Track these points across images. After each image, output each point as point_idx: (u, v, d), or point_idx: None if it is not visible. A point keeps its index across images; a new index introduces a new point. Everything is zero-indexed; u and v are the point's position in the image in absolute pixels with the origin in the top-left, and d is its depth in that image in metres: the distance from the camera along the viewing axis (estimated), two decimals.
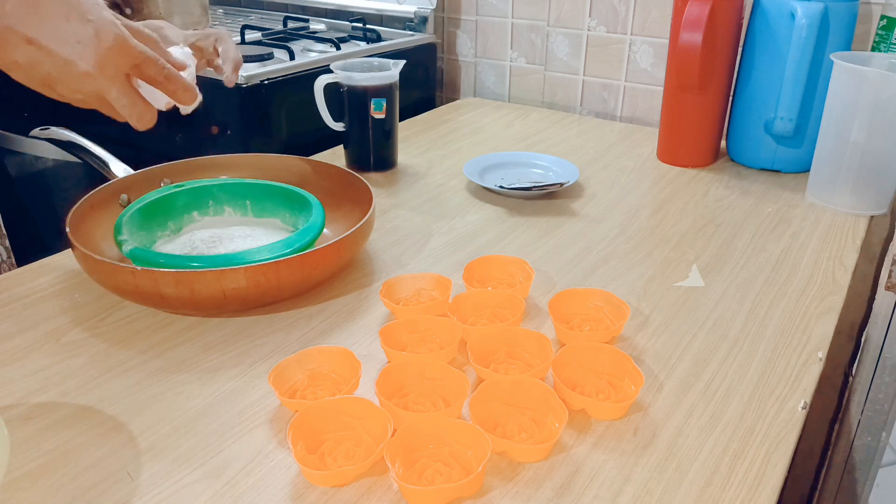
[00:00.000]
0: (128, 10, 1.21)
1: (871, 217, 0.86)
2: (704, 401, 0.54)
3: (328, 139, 1.02)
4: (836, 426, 1.01)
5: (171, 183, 0.77)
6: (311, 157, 0.89)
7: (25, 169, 1.23)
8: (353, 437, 0.48)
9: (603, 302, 0.63)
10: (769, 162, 0.98)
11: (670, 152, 1.02)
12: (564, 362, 0.54)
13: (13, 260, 0.78)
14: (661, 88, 1.12)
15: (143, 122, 0.54)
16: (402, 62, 0.94)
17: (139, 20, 1.24)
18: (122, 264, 0.59)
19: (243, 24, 1.26)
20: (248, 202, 0.77)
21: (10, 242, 0.79)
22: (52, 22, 0.46)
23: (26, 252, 0.77)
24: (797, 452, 0.52)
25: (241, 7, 1.61)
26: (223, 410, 0.52)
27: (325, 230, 0.72)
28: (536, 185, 0.90)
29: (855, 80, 0.81)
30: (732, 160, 1.03)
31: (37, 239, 0.90)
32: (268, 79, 1.01)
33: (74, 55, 0.47)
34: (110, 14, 0.50)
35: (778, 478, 0.47)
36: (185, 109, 0.62)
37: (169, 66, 0.54)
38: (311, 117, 0.95)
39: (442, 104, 1.33)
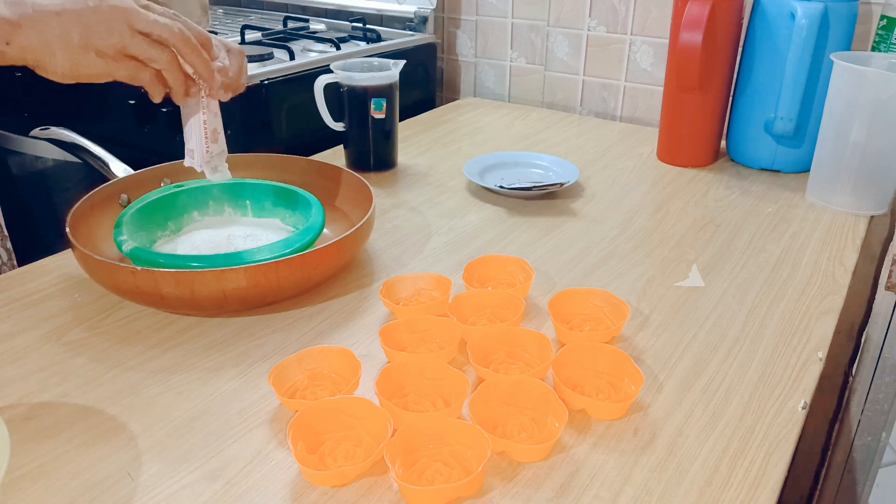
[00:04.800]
0: None
1: (871, 217, 0.86)
2: (704, 401, 0.54)
3: (328, 139, 1.02)
4: (836, 426, 1.01)
5: (171, 183, 0.77)
6: (311, 157, 0.89)
7: (25, 169, 1.23)
8: (353, 437, 0.48)
9: (603, 302, 0.63)
10: (769, 162, 0.98)
11: (670, 152, 1.02)
12: (564, 362, 0.54)
13: (14, 262, 0.78)
14: (661, 88, 1.12)
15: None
16: (402, 62, 0.94)
17: None
18: (122, 264, 0.59)
19: (243, 24, 1.26)
20: (248, 202, 0.77)
21: (11, 243, 0.79)
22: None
23: (27, 252, 0.77)
24: (797, 452, 0.52)
25: (241, 7, 1.61)
26: (223, 410, 0.52)
27: (325, 230, 0.72)
28: (536, 185, 0.90)
29: (855, 80, 0.81)
30: (732, 160, 1.03)
31: (37, 239, 0.90)
32: (268, 79, 1.01)
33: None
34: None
35: (778, 478, 0.47)
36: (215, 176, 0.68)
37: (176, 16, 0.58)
38: (311, 117, 0.95)
39: (442, 104, 1.33)
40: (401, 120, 1.02)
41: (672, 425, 0.51)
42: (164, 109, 0.78)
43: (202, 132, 0.63)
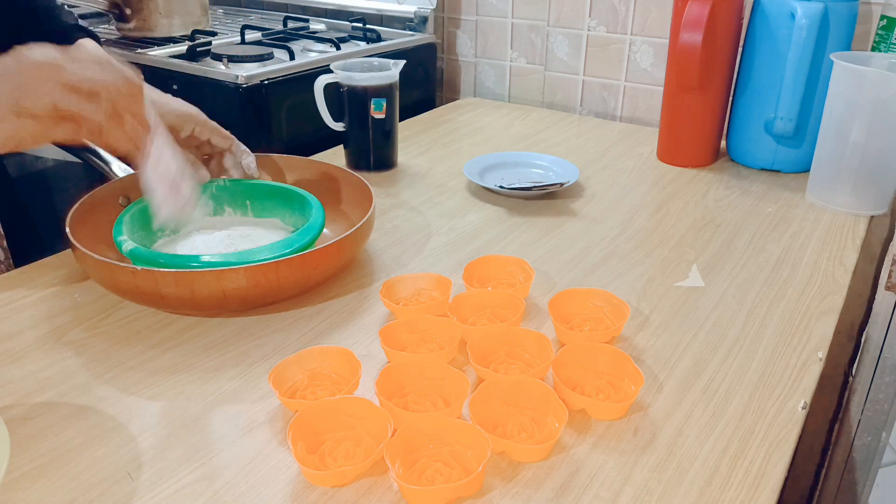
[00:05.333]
0: (128, 10, 1.21)
1: (871, 217, 0.86)
2: (704, 401, 0.54)
3: (328, 139, 1.02)
4: (836, 426, 1.01)
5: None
6: (311, 157, 0.89)
7: (25, 169, 1.23)
8: (353, 437, 0.48)
9: (603, 302, 0.62)
10: (769, 162, 0.98)
11: (670, 152, 1.02)
12: (564, 362, 0.54)
13: (11, 261, 0.78)
14: (661, 88, 1.12)
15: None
16: (402, 62, 0.94)
17: (139, 20, 1.25)
18: (122, 264, 0.59)
19: (243, 24, 1.26)
20: (248, 202, 0.77)
21: (10, 243, 0.79)
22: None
23: (26, 252, 0.77)
24: (797, 452, 0.52)
25: (241, 7, 1.61)
26: (223, 410, 0.52)
27: (325, 230, 0.72)
28: (536, 185, 0.90)
29: (855, 80, 0.81)
30: (732, 160, 1.03)
31: (36, 239, 0.90)
32: (268, 79, 1.01)
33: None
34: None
35: (778, 478, 0.47)
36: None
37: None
38: (311, 117, 0.95)
39: (442, 104, 1.33)
40: (401, 120, 1.02)
41: (672, 425, 0.51)
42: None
43: (162, 187, 0.60)
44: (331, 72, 0.93)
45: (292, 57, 1.10)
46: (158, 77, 1.07)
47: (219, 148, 0.76)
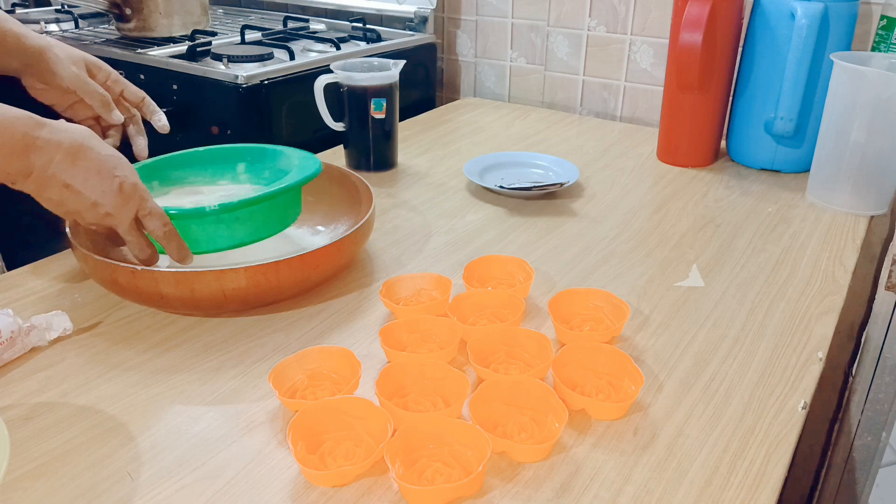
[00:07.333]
0: (128, 11, 1.21)
1: (871, 217, 0.86)
2: (704, 401, 0.54)
3: (328, 139, 1.02)
4: (836, 426, 1.01)
5: None
6: None
7: None
8: (353, 437, 0.48)
9: (603, 302, 0.63)
10: (769, 162, 0.98)
11: (670, 152, 1.02)
12: (564, 362, 0.54)
13: (3, 263, 0.78)
14: (661, 88, 1.12)
15: (144, 257, 0.61)
16: (402, 62, 0.94)
17: (139, 20, 1.24)
18: (122, 264, 0.59)
19: (243, 24, 1.26)
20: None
21: (6, 243, 0.79)
22: (87, 174, 0.55)
23: (25, 252, 0.77)
24: (797, 452, 0.52)
25: (241, 7, 1.61)
26: (223, 410, 0.52)
27: (322, 227, 0.71)
28: (536, 185, 0.90)
29: (855, 80, 0.81)
30: (732, 160, 1.03)
31: (36, 240, 0.90)
32: (268, 79, 1.01)
33: (100, 200, 0.56)
34: (130, 169, 0.58)
35: (778, 478, 0.47)
36: None
37: (170, 224, 0.60)
38: (311, 117, 0.95)
39: (442, 104, 1.33)
40: (401, 120, 1.02)
41: (672, 425, 0.51)
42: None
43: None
44: (331, 72, 0.93)
45: (292, 57, 1.10)
46: (158, 77, 1.07)
47: (131, 102, 0.76)
